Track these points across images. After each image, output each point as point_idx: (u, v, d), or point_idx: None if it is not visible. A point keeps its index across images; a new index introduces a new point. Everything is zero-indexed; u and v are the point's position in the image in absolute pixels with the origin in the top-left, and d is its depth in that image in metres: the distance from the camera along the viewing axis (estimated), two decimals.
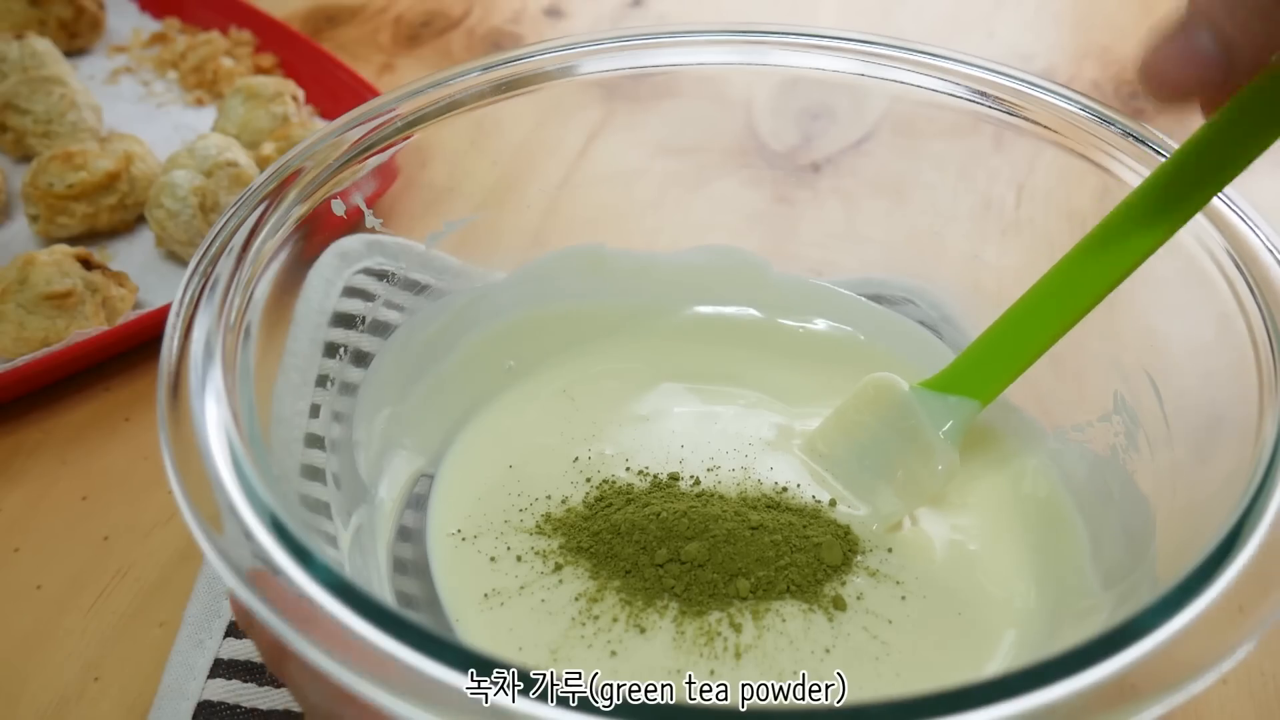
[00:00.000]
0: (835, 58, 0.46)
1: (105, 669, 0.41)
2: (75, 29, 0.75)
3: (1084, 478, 0.42)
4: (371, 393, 0.43)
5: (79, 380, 0.53)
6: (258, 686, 0.39)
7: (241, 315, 0.36)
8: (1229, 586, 0.28)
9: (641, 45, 0.47)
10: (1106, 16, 0.85)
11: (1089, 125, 0.42)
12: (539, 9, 0.85)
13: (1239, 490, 0.31)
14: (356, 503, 0.41)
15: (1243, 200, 0.39)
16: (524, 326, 0.49)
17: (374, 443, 0.43)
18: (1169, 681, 0.26)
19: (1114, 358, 0.42)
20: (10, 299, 0.53)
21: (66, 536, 0.46)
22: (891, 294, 0.50)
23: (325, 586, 0.28)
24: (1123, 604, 0.35)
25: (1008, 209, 0.48)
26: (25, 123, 0.64)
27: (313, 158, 0.41)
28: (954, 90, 0.45)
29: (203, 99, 0.72)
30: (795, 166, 0.53)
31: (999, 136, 0.45)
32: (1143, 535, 0.38)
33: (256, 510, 0.30)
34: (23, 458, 0.50)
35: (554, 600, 0.39)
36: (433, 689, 0.26)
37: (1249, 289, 0.37)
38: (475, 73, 0.45)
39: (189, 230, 0.57)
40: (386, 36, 0.81)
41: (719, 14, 0.84)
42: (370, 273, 0.45)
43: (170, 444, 0.32)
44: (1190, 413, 0.39)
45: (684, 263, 0.50)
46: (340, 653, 0.27)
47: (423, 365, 0.46)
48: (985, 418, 0.46)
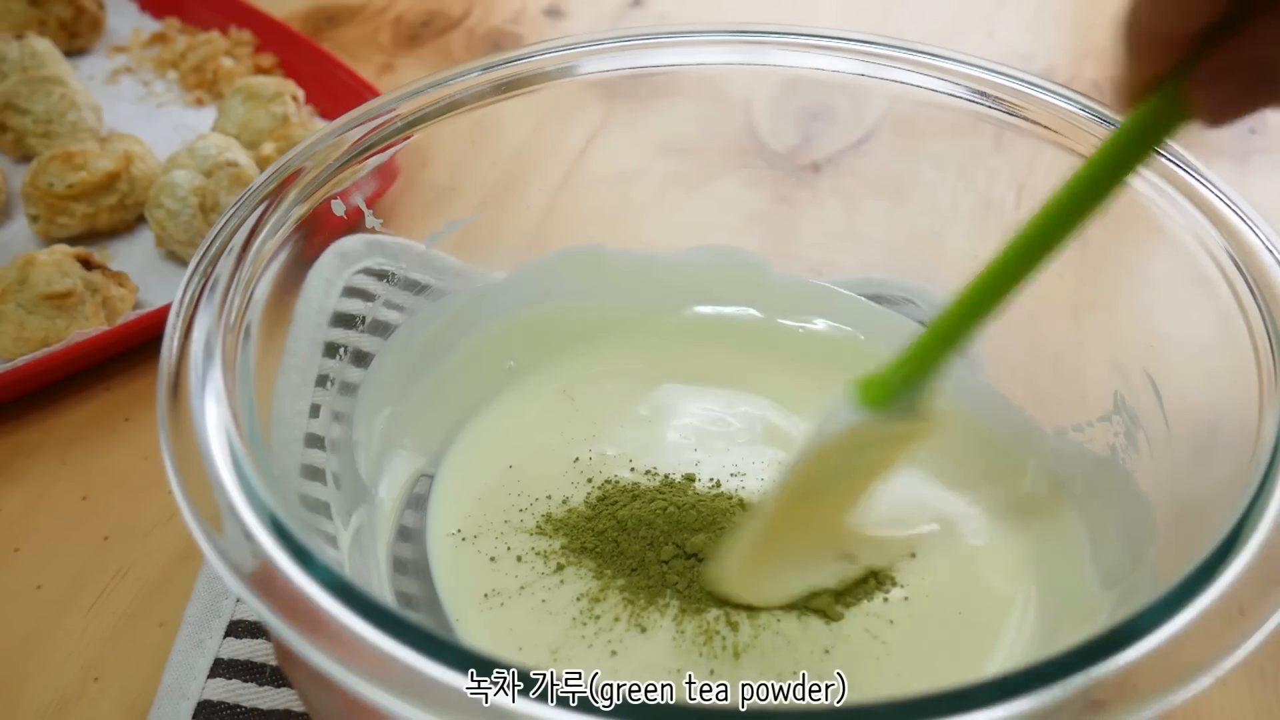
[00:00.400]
0: (835, 58, 0.46)
1: (105, 669, 0.41)
2: (75, 29, 0.75)
3: (1084, 478, 0.42)
4: (371, 393, 0.43)
5: (79, 380, 0.53)
6: (258, 686, 0.39)
7: (241, 315, 0.36)
8: (1229, 587, 0.28)
9: (641, 45, 0.47)
10: (1106, 16, 0.85)
11: (1089, 125, 0.42)
12: (539, 9, 0.85)
13: (1239, 490, 0.31)
14: (356, 503, 0.41)
15: (1243, 200, 0.39)
16: (524, 326, 0.49)
17: (374, 443, 0.43)
18: (1169, 681, 0.26)
19: (1114, 358, 0.42)
20: (10, 299, 0.53)
21: (66, 536, 0.46)
22: (891, 294, 0.50)
23: (325, 587, 0.28)
24: (1123, 604, 0.35)
25: (1008, 209, 0.48)
26: (25, 123, 0.64)
27: (313, 158, 0.41)
28: (954, 90, 0.45)
29: (203, 99, 0.72)
30: (795, 166, 0.53)
31: (999, 136, 0.45)
32: (1143, 535, 0.38)
33: (256, 510, 0.30)
34: (23, 458, 0.50)
35: (554, 600, 0.39)
36: (433, 689, 0.26)
37: (1249, 289, 0.37)
38: (475, 73, 0.45)
39: (189, 230, 0.57)
40: (386, 36, 0.81)
41: (719, 14, 0.84)
42: (370, 273, 0.45)
43: (170, 444, 0.32)
44: (1190, 413, 0.39)
45: (684, 263, 0.50)
46: (340, 653, 0.27)
47: (423, 365, 0.46)
48: (986, 418, 0.46)
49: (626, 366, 0.49)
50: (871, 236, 0.51)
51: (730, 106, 0.50)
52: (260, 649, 0.40)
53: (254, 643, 0.40)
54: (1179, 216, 0.39)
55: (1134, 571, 0.37)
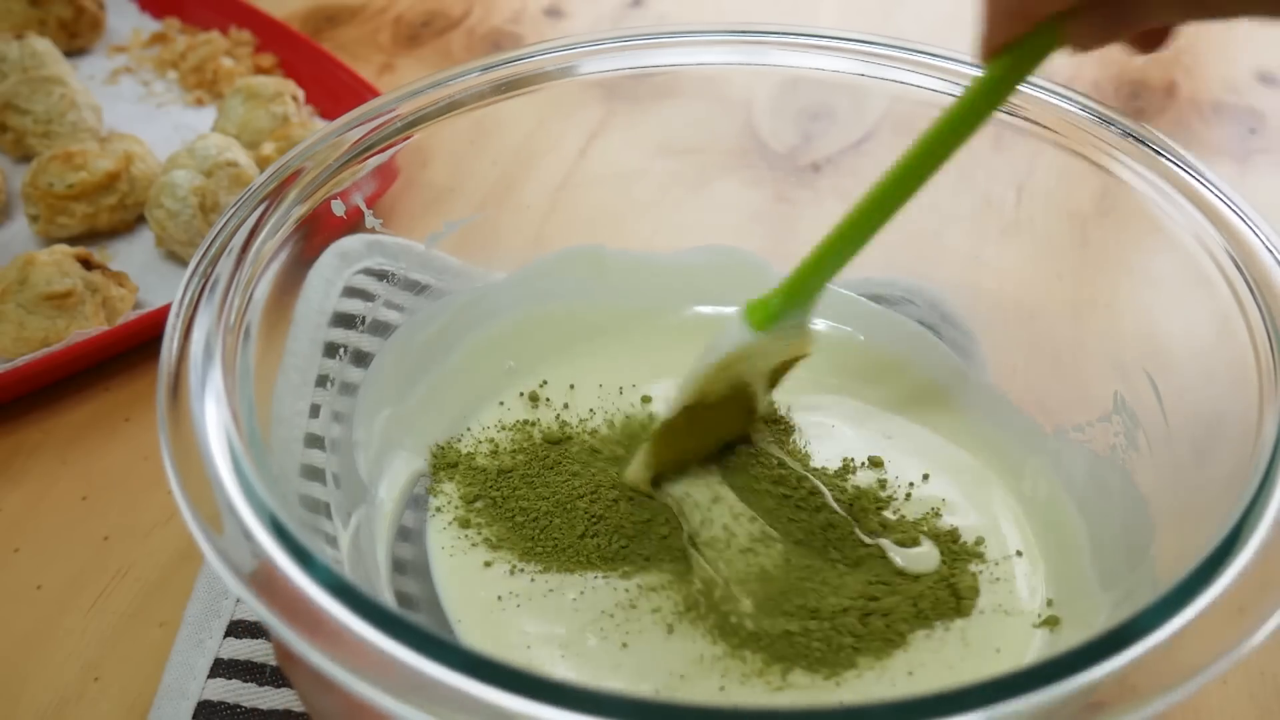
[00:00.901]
0: (835, 58, 0.46)
1: (105, 669, 0.41)
2: (75, 29, 0.75)
3: (1084, 478, 0.42)
4: (371, 393, 0.43)
5: (79, 380, 0.53)
6: (258, 686, 0.39)
7: (241, 315, 0.36)
8: (1229, 587, 0.28)
9: (641, 45, 0.47)
10: None
11: (1089, 125, 0.42)
12: (539, 9, 0.85)
13: (1239, 490, 0.31)
14: (356, 503, 0.41)
15: (1243, 200, 0.39)
16: (524, 326, 0.48)
17: (374, 443, 0.43)
18: (1169, 681, 0.27)
19: (1114, 358, 0.42)
20: (10, 299, 0.53)
21: (66, 536, 0.46)
22: (891, 294, 0.50)
23: (325, 587, 0.28)
24: (1123, 604, 0.35)
25: (1008, 209, 0.48)
26: (25, 123, 0.64)
27: (313, 158, 0.41)
28: (954, 90, 0.45)
29: (203, 99, 0.72)
30: (795, 166, 0.53)
31: (999, 136, 0.45)
32: (1143, 535, 0.38)
33: (256, 510, 0.30)
34: (23, 458, 0.50)
35: (556, 598, 0.39)
36: (433, 690, 0.26)
37: (1249, 289, 0.37)
38: (475, 73, 0.45)
39: (189, 230, 0.57)
40: (386, 36, 0.81)
41: (719, 14, 0.84)
42: (370, 273, 0.45)
43: (170, 444, 0.32)
44: (1190, 413, 0.39)
45: (684, 263, 0.50)
46: (340, 654, 0.27)
47: (423, 365, 0.46)
48: (986, 417, 0.46)
49: (627, 366, 0.49)
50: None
51: (730, 107, 0.50)
52: (260, 649, 0.40)
53: (254, 643, 0.40)
54: (1179, 216, 0.39)
55: (1134, 572, 0.37)
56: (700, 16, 0.83)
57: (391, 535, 0.41)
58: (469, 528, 0.42)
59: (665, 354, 0.49)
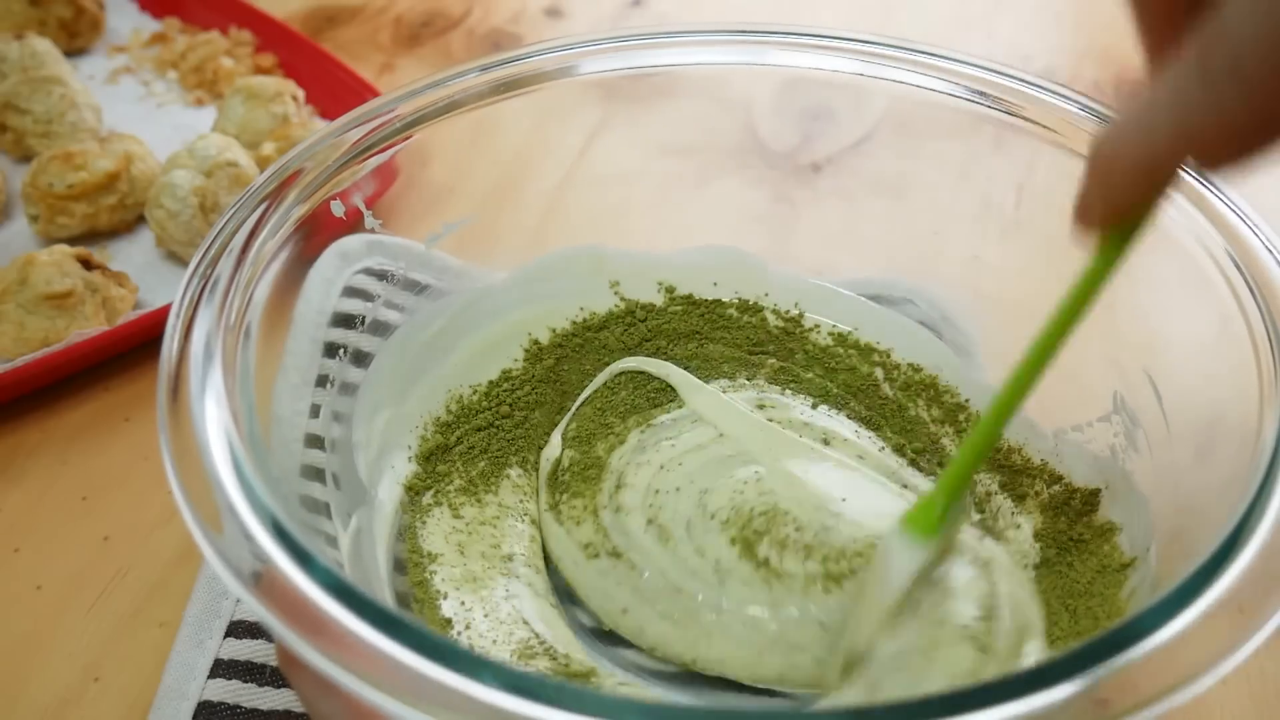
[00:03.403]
0: (835, 58, 0.46)
1: (105, 669, 0.41)
2: (75, 29, 0.75)
3: (1084, 478, 0.42)
4: (371, 393, 0.43)
5: (79, 380, 0.53)
6: (258, 686, 0.39)
7: (241, 316, 0.36)
8: (1229, 587, 0.28)
9: (641, 45, 0.47)
10: (1106, 16, 0.85)
11: (1089, 125, 0.42)
12: (539, 9, 0.85)
13: (1239, 490, 0.31)
14: (356, 503, 0.41)
15: (1243, 200, 0.39)
16: (524, 326, 0.48)
17: (374, 443, 0.43)
18: (1170, 681, 0.27)
19: (1114, 358, 0.42)
20: (10, 299, 0.53)
21: (66, 536, 0.46)
22: (891, 294, 0.50)
23: (325, 588, 0.28)
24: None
25: (1008, 209, 0.48)
26: (25, 123, 0.64)
27: (313, 158, 0.41)
28: (954, 90, 0.45)
29: (203, 99, 0.72)
30: (795, 166, 0.53)
31: (999, 136, 0.45)
32: (1142, 536, 0.38)
33: (256, 511, 0.30)
34: (23, 458, 0.50)
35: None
36: (433, 690, 0.26)
37: (1249, 289, 0.37)
38: (475, 73, 0.45)
39: (189, 230, 0.57)
40: (386, 36, 0.81)
41: (719, 14, 0.84)
42: (370, 273, 0.45)
43: (170, 444, 0.32)
44: (1190, 413, 0.39)
45: (684, 263, 0.50)
46: (340, 655, 0.27)
47: (422, 366, 0.46)
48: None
49: (626, 366, 0.49)
50: (871, 236, 0.51)
51: (730, 106, 0.50)
52: (260, 649, 0.40)
53: (254, 643, 0.40)
54: (1179, 217, 0.39)
55: (1134, 572, 0.37)
56: (700, 16, 0.83)
57: (391, 535, 0.41)
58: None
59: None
